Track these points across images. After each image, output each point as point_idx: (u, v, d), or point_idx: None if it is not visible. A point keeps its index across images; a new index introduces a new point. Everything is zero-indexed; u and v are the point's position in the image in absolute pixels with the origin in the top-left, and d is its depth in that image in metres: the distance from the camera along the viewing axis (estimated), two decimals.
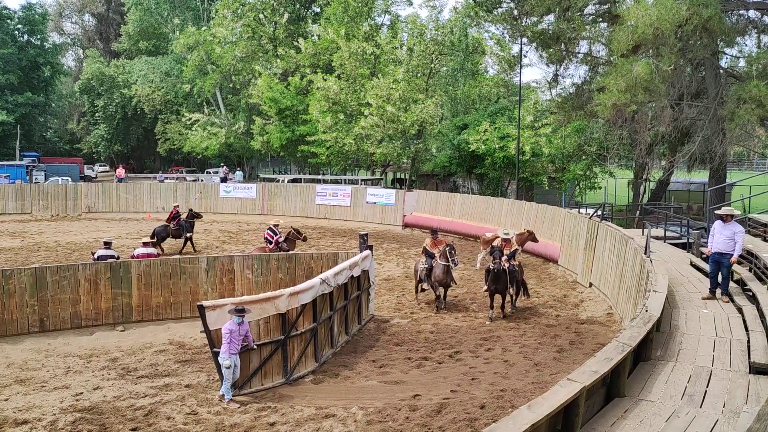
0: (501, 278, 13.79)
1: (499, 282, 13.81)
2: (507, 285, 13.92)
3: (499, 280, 13.80)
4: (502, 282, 13.82)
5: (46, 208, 34.49)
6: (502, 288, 13.92)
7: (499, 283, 13.83)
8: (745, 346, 8.60)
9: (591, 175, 30.51)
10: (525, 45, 29.64)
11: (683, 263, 15.00)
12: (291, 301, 10.57)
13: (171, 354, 12.03)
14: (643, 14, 22.16)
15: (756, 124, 24.99)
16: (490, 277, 13.88)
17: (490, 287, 13.97)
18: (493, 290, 13.97)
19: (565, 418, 5.75)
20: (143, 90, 51.32)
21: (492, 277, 13.82)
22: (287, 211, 33.65)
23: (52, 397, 9.82)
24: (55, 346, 12.47)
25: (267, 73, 40.46)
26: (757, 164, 47.52)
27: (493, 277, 13.81)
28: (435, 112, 32.51)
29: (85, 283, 13.52)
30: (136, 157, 63.18)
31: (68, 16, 72.34)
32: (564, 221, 20.72)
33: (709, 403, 6.76)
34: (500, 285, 13.83)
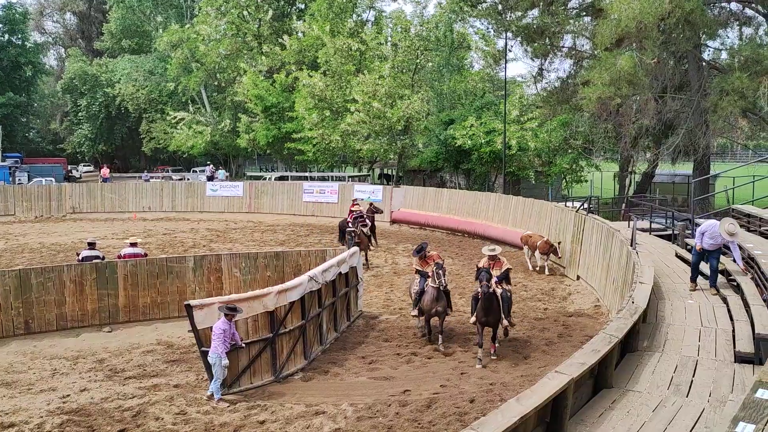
0: (493, 306, 11.02)
1: (490, 312, 11.04)
2: (500, 315, 11.22)
3: (490, 309, 11.01)
4: (494, 312, 11.06)
5: (30, 210, 34.09)
6: (495, 320, 11.16)
7: (490, 314, 11.07)
8: (730, 335, 8.70)
9: (577, 168, 30.67)
10: (510, 39, 29.75)
11: (669, 255, 15.13)
12: (279, 299, 10.54)
13: (159, 354, 11.95)
14: (626, 8, 22.31)
15: (738, 115, 25.28)
16: (479, 305, 11.03)
17: (479, 318, 11.11)
18: (484, 322, 11.16)
19: (553, 409, 5.79)
20: (127, 89, 50.83)
21: (482, 306, 11.00)
22: (274, 209, 33.54)
23: (38, 399, 9.71)
24: (40, 348, 12.34)
25: (252, 71, 40.25)
26: (740, 155, 47.99)
27: (483, 306, 10.99)
28: (421, 107, 32.51)
29: (71, 284, 13.38)
30: (120, 157, 62.62)
31: (49, 15, 71.43)
32: (551, 215, 20.82)
33: (696, 392, 6.83)
34: (492, 316, 11.08)
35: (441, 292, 11.71)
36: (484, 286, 10.82)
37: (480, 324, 11.18)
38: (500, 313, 11.20)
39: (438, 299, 11.65)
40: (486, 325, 11.24)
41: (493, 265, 11.60)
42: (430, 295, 11.64)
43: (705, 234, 11.04)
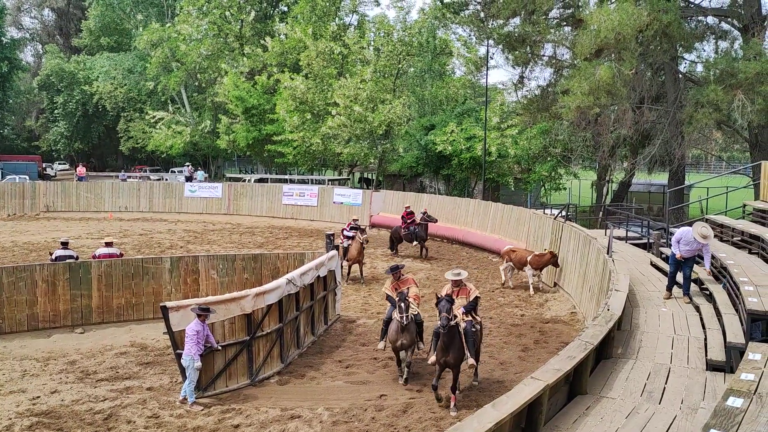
0: (454, 344, 9.11)
1: (451, 349, 9.11)
2: (464, 354, 9.24)
3: (451, 346, 9.09)
4: (455, 349, 9.12)
5: (3, 207, 33.44)
6: (456, 359, 9.17)
7: (450, 352, 9.11)
8: (702, 343, 8.82)
9: (556, 176, 30.98)
10: (491, 47, 29.96)
11: (644, 263, 15.32)
12: (257, 302, 10.47)
13: (132, 356, 11.78)
14: (605, 19, 22.62)
15: (713, 127, 25.74)
16: (439, 343, 9.18)
17: (438, 358, 9.20)
18: (443, 363, 9.18)
19: (528, 415, 5.81)
20: (105, 87, 50.16)
21: (441, 344, 9.12)
22: (253, 211, 33.35)
23: (7, 401, 9.51)
24: (10, 348, 12.09)
25: (233, 72, 40.01)
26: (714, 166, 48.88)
27: (443, 343, 9.10)
28: (402, 112, 32.60)
29: (43, 284, 13.15)
30: (97, 156, 61.72)
31: (27, 11, 70.24)
32: (529, 222, 20.98)
33: (668, 399, 6.91)
34: (452, 354, 9.12)
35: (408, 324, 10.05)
36: (444, 318, 8.90)
37: (439, 365, 9.22)
38: (463, 351, 9.20)
39: (404, 331, 10.00)
40: (446, 366, 9.21)
41: (458, 292, 9.69)
42: (395, 325, 10.02)
43: (680, 241, 11.17)
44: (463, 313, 9.56)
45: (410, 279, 11.03)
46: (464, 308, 9.63)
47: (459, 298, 9.65)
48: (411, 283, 10.88)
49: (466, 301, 9.73)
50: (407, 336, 10.06)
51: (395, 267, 10.99)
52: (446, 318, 8.96)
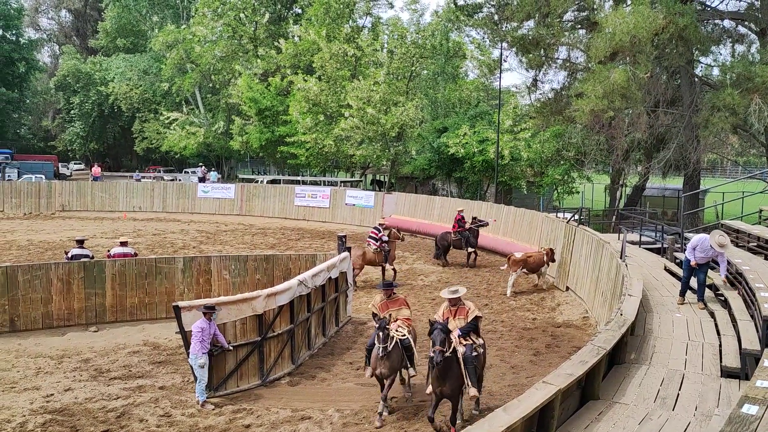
0: (451, 372, 8.18)
1: (448, 378, 8.19)
2: (463, 383, 8.27)
3: (448, 374, 8.17)
4: (453, 378, 8.20)
5: (19, 206, 33.83)
6: (454, 390, 8.28)
7: (447, 381, 8.20)
8: (716, 350, 8.74)
9: (568, 179, 30.82)
10: (505, 50, 29.86)
11: (657, 268, 15.21)
12: (268, 303, 10.50)
13: (145, 355, 11.87)
14: (620, 22, 22.48)
15: (729, 131, 25.49)
16: (433, 373, 8.22)
17: (434, 388, 8.29)
18: (439, 393, 8.27)
19: (540, 420, 5.79)
20: (120, 88, 50.62)
21: (436, 372, 8.16)
22: (266, 212, 33.47)
23: (22, 398, 9.62)
24: (25, 346, 12.22)
25: (247, 73, 40.20)
26: (730, 171, 48.42)
27: (438, 372, 8.14)
28: (415, 114, 32.59)
29: (58, 282, 13.28)
30: (112, 156, 62.28)
31: (44, 12, 71.16)
32: (541, 225, 20.89)
33: (682, 406, 6.85)
34: (449, 384, 8.21)
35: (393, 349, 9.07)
36: (436, 353, 7.87)
37: (435, 395, 8.33)
38: (462, 380, 8.21)
39: (386, 358, 8.98)
40: (442, 397, 8.32)
41: (456, 312, 8.69)
42: (376, 351, 9.04)
43: (696, 248, 11.06)
44: (460, 337, 8.44)
45: (402, 299, 9.96)
46: (461, 331, 8.49)
47: (457, 319, 8.63)
48: (402, 304, 9.83)
49: (464, 322, 8.63)
50: (388, 364, 9.03)
51: (388, 284, 10.02)
52: (439, 353, 7.92)
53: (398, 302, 9.83)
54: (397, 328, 9.41)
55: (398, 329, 9.39)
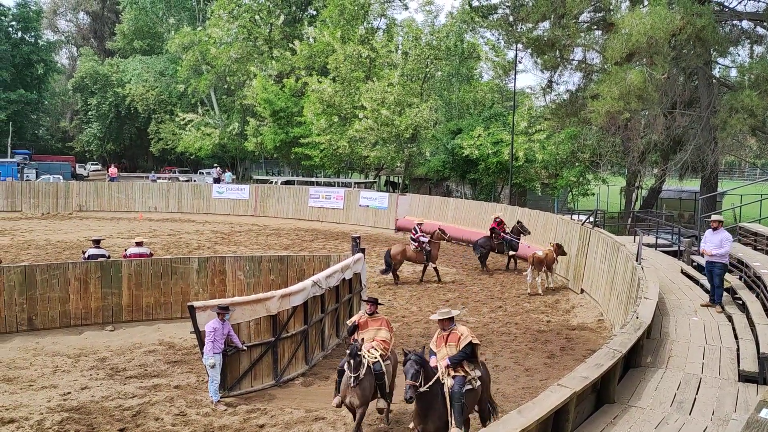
0: (434, 408, 7.17)
1: (430, 416, 7.18)
2: (448, 421, 7.12)
3: (430, 411, 7.17)
4: (436, 416, 7.16)
5: (37, 206, 34.27)
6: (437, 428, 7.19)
7: (429, 420, 7.19)
8: (734, 354, 8.64)
9: (584, 181, 30.62)
10: (520, 51, 29.75)
11: (674, 271, 15.07)
12: (282, 303, 10.54)
13: (160, 354, 11.96)
14: (637, 23, 22.29)
15: (747, 133, 25.19)
16: (415, 409, 7.29)
17: (415, 425, 7.36)
18: (421, 430, 7.31)
19: (555, 423, 5.75)
20: (137, 89, 51.10)
21: (417, 408, 7.23)
22: (280, 213, 33.61)
23: (39, 396, 9.73)
24: (43, 345, 12.38)
25: (262, 75, 40.40)
26: (748, 173, 47.84)
27: (419, 408, 7.20)
28: (429, 116, 32.56)
29: (75, 282, 13.42)
30: (128, 157, 62.87)
31: (63, 14, 72.00)
32: (556, 227, 20.77)
33: (699, 410, 6.78)
34: (432, 423, 7.19)
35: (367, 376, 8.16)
36: (408, 388, 6.86)
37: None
38: (447, 418, 7.10)
39: (357, 386, 8.04)
40: None
41: (447, 338, 7.51)
42: (346, 378, 8.13)
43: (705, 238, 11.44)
44: (448, 367, 7.27)
45: (384, 319, 8.96)
46: (450, 360, 7.28)
47: (447, 346, 7.43)
48: (384, 324, 8.85)
49: (455, 349, 7.37)
50: (359, 393, 8.08)
51: (373, 299, 9.09)
52: (411, 388, 6.85)
53: (379, 321, 8.85)
54: (369, 350, 8.38)
55: (370, 352, 8.37)
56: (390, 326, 9.04)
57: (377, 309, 9.03)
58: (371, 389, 8.28)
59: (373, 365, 8.29)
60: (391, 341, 8.87)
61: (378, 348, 8.51)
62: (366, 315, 8.89)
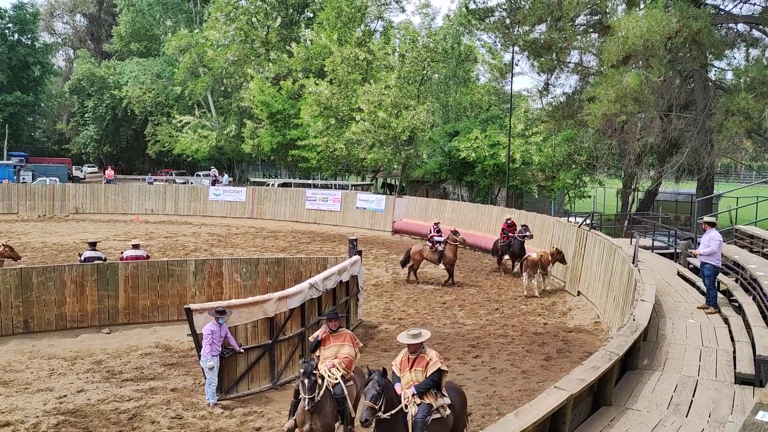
0: None
1: None
2: None
3: None
4: None
5: (33, 209, 34.17)
6: None
7: None
8: (730, 356, 8.66)
9: (580, 184, 30.68)
10: (516, 54, 29.79)
11: (670, 273, 15.10)
12: (279, 306, 10.53)
13: (157, 357, 11.94)
14: (633, 25, 22.35)
15: (743, 136, 25.26)
16: None
17: None
18: None
19: (552, 425, 5.76)
20: (134, 91, 51.04)
21: None
22: (277, 215, 33.58)
23: (35, 399, 9.70)
24: (39, 347, 12.33)
25: (259, 77, 40.40)
26: (744, 176, 47.96)
27: None
28: (426, 118, 32.59)
29: (71, 284, 13.39)
30: (125, 159, 62.78)
31: (59, 16, 71.92)
32: (553, 229, 20.80)
33: (695, 412, 6.79)
34: None
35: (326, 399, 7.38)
36: (365, 410, 6.34)
37: None
38: None
39: (315, 412, 7.25)
40: None
41: (414, 362, 6.82)
42: (302, 404, 7.29)
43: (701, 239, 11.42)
44: (414, 395, 6.61)
45: (348, 335, 8.09)
46: (416, 389, 6.62)
47: (414, 371, 6.75)
48: (348, 340, 7.96)
49: (422, 375, 6.72)
50: (320, 419, 7.29)
51: (333, 313, 8.26)
52: (369, 410, 6.30)
53: (342, 337, 7.97)
54: (330, 369, 7.59)
55: (330, 371, 7.56)
56: (355, 341, 8.06)
57: (340, 323, 8.22)
58: (333, 414, 7.44)
59: (333, 387, 7.48)
60: (356, 358, 7.95)
61: (340, 367, 7.68)
62: (327, 331, 8.02)
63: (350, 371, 7.79)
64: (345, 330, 8.22)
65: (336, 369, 7.63)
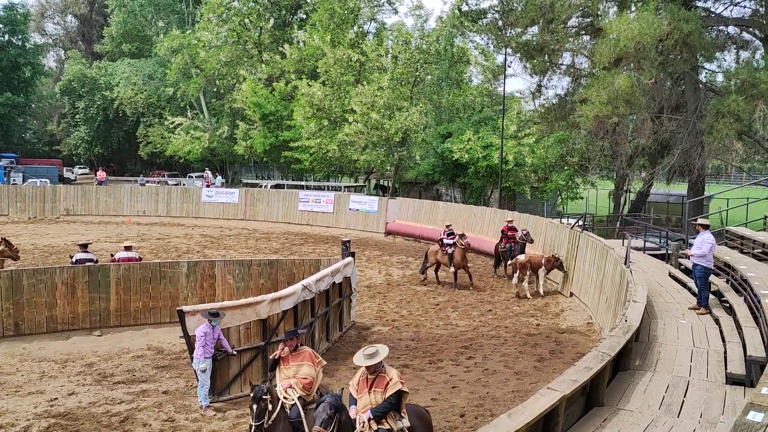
0: None
1: None
2: None
3: None
4: None
5: (24, 210, 33.95)
6: None
7: None
8: (722, 356, 8.70)
9: (573, 185, 30.79)
10: (509, 55, 29.91)
11: (662, 274, 15.17)
12: (272, 307, 10.51)
13: (149, 359, 11.88)
14: (625, 28, 22.48)
15: (734, 137, 25.43)
16: None
17: None
18: None
19: (544, 426, 5.77)
20: (125, 92, 50.83)
21: None
22: (269, 217, 33.51)
23: (26, 402, 9.63)
24: (30, 350, 12.25)
25: (252, 78, 40.31)
26: (735, 177, 48.29)
27: None
28: (419, 120, 32.61)
29: (62, 286, 13.31)
30: (117, 160, 62.48)
31: (50, 17, 71.53)
32: (546, 231, 20.86)
33: (687, 413, 6.82)
34: None
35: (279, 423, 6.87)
36: None
37: None
38: None
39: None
40: None
41: (373, 383, 6.35)
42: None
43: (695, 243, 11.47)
44: (370, 420, 6.20)
45: (308, 353, 7.55)
46: (372, 413, 6.21)
47: (372, 393, 6.28)
48: (308, 358, 7.44)
49: (381, 397, 6.26)
50: None
51: (291, 332, 7.77)
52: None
53: (301, 356, 7.45)
54: (286, 390, 7.10)
55: (287, 392, 7.08)
56: (316, 360, 7.51)
57: (300, 342, 7.69)
58: None
59: (289, 410, 6.97)
60: (318, 378, 7.42)
61: (297, 388, 7.15)
62: (288, 350, 7.50)
63: (311, 392, 7.25)
64: (305, 348, 7.71)
65: (293, 390, 7.13)
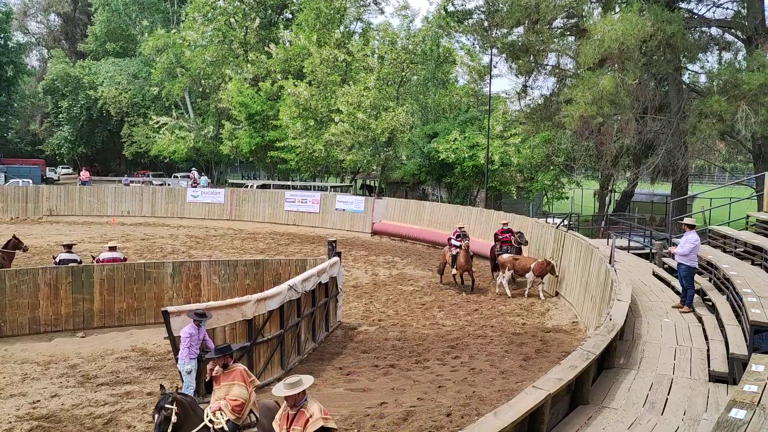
0: None
1: None
2: None
3: None
4: None
5: (6, 211, 33.50)
6: None
7: None
8: (704, 354, 8.80)
9: (558, 185, 30.97)
10: (495, 56, 30.04)
11: (646, 273, 15.30)
12: (258, 308, 10.46)
13: (133, 361, 11.77)
14: (609, 29, 22.68)
15: (716, 138, 25.74)
16: None
17: None
18: None
19: (530, 425, 5.79)
20: (109, 92, 50.34)
21: None
22: (255, 217, 33.36)
23: (8, 404, 9.51)
24: (12, 352, 12.09)
25: (237, 78, 40.11)
26: (718, 177, 48.86)
27: None
28: (405, 120, 32.63)
29: (45, 287, 13.15)
30: (100, 160, 61.85)
31: (33, 15, 70.63)
32: (531, 230, 20.95)
33: (670, 410, 6.88)
34: None
35: None
36: None
37: None
38: None
39: None
40: None
41: (293, 420, 5.84)
42: None
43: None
44: None
45: (239, 371, 7.00)
46: None
47: (292, 429, 5.81)
48: (238, 377, 6.90)
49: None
50: None
51: (223, 348, 7.15)
52: None
53: (232, 375, 6.92)
54: (215, 413, 6.63)
55: (215, 415, 6.62)
56: (247, 379, 6.95)
57: (229, 359, 7.08)
58: None
59: None
60: (249, 399, 6.84)
61: (226, 410, 6.63)
62: (218, 369, 7.01)
63: (242, 415, 6.72)
64: (237, 366, 7.10)
65: (221, 412, 6.62)
